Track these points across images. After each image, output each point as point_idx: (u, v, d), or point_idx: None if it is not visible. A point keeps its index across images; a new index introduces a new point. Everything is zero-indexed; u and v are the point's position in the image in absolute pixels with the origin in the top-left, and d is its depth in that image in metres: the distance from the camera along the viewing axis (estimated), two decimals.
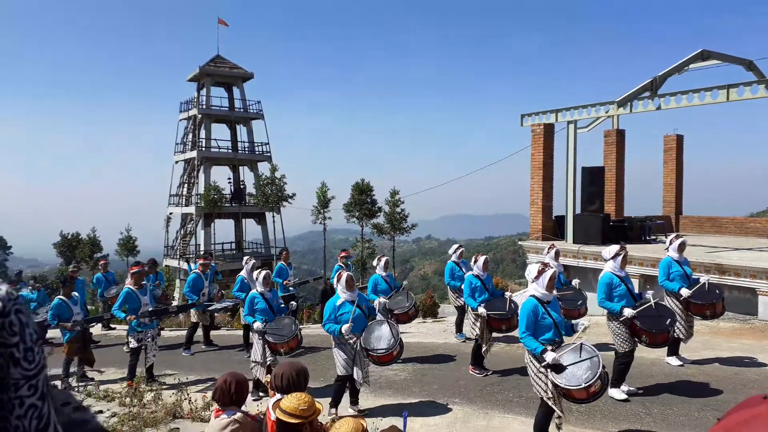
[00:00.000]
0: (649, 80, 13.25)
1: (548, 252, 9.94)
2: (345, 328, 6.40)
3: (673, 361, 7.91)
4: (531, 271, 5.43)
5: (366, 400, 7.15)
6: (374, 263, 10.29)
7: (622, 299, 6.65)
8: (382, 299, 9.14)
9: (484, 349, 8.02)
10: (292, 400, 3.41)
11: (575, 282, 9.75)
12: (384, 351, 6.51)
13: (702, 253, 12.22)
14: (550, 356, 4.99)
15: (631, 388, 6.84)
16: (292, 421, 3.33)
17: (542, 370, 5.10)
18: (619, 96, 13.56)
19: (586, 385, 4.86)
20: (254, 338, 7.66)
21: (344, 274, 6.81)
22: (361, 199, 32.14)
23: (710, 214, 18.49)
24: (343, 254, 12.36)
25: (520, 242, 16.92)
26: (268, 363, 7.33)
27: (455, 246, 10.41)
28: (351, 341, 6.56)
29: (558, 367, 4.99)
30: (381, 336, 6.65)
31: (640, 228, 15.44)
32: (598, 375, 4.88)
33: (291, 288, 11.95)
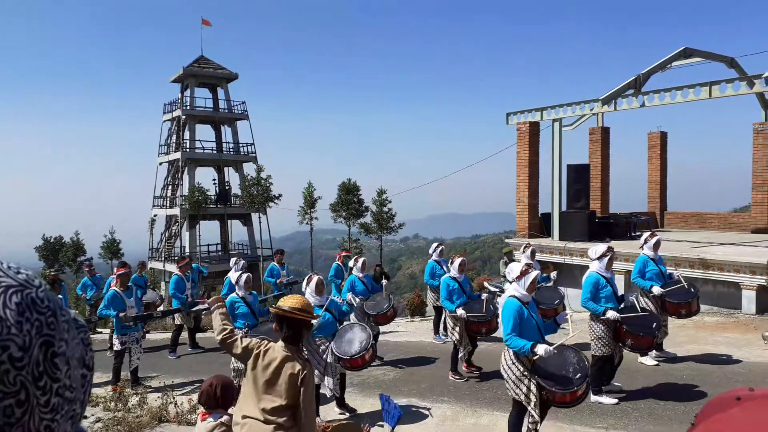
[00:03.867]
0: (633, 78, 13.36)
1: (524, 251, 9.87)
2: None
3: (648, 361, 7.78)
4: (513, 270, 5.20)
5: (354, 401, 7.11)
6: (350, 264, 10.05)
7: (608, 301, 6.51)
8: (350, 296, 8.50)
9: (461, 354, 7.78)
10: (295, 300, 3.68)
11: (552, 275, 9.69)
12: (355, 354, 6.26)
13: (687, 248, 12.33)
14: (541, 348, 4.74)
15: (616, 384, 6.81)
16: (305, 317, 3.59)
17: (525, 373, 4.89)
18: (603, 94, 13.64)
19: (576, 388, 4.75)
20: None
21: (315, 278, 6.50)
22: (348, 199, 32.10)
23: (694, 209, 18.68)
24: (344, 254, 12.16)
25: (507, 240, 16.96)
26: None
27: (435, 245, 10.07)
28: (321, 347, 6.31)
29: (541, 370, 4.84)
30: (352, 339, 6.39)
31: (626, 224, 15.56)
32: (586, 378, 4.78)
33: (283, 288, 11.95)
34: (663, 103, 12.72)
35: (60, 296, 8.30)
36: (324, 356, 6.34)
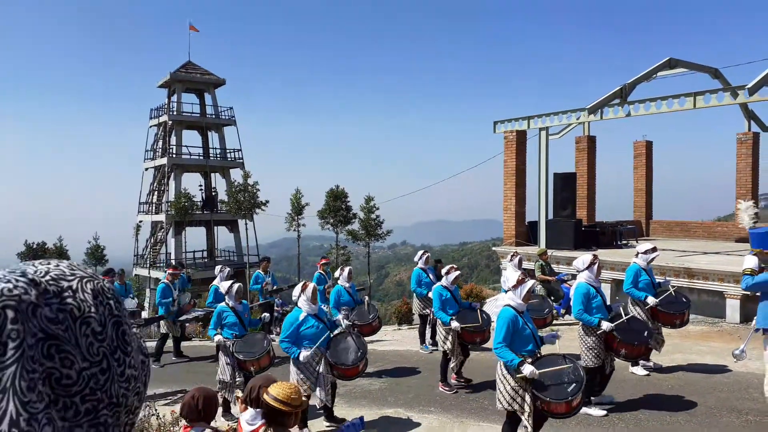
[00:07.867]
0: (619, 88, 13.45)
1: (511, 260, 9.80)
2: (303, 355, 5.98)
3: (639, 371, 7.78)
4: (509, 279, 5.22)
5: (340, 411, 7.05)
6: (336, 274, 9.95)
7: (599, 311, 6.50)
8: (342, 317, 8.69)
9: (453, 364, 7.75)
10: (284, 388, 3.41)
11: (539, 288, 9.66)
12: (350, 365, 6.26)
13: (671, 257, 12.41)
14: (528, 369, 4.77)
15: (607, 395, 6.75)
16: (284, 408, 3.34)
17: (520, 383, 4.89)
18: (589, 103, 13.74)
19: (571, 398, 4.76)
20: (220, 355, 7.22)
21: (310, 286, 6.43)
22: (336, 206, 32.00)
23: (679, 218, 18.86)
24: (323, 261, 12.15)
25: (494, 248, 17.01)
26: (237, 383, 6.92)
27: (420, 252, 10.04)
28: (315, 357, 6.21)
29: (536, 381, 4.84)
30: (347, 348, 6.39)
31: (612, 233, 15.66)
32: (581, 388, 4.80)
33: (268, 296, 11.91)
34: (648, 113, 12.82)
35: None
36: (316, 367, 6.24)
